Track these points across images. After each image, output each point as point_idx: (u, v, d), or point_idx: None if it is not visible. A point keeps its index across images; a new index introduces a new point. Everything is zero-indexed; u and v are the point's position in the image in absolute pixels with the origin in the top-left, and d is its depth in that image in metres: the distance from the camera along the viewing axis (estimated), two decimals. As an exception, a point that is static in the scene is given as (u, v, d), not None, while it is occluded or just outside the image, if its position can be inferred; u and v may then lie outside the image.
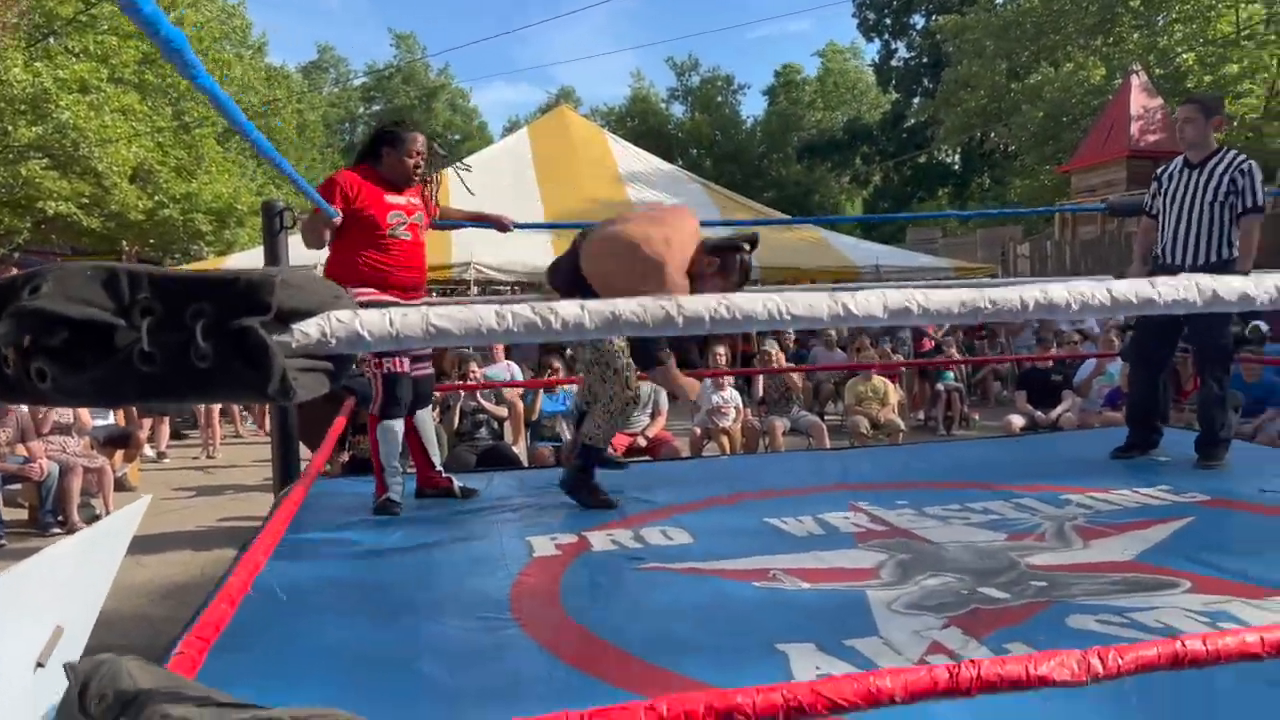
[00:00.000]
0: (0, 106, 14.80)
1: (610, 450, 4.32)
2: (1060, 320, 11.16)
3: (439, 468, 4.13)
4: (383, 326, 0.82)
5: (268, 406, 4.89)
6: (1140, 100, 17.37)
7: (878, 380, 7.94)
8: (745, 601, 2.59)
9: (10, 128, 14.93)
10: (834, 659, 2.14)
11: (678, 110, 40.50)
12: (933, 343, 11.05)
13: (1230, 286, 0.94)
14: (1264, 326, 9.27)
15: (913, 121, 33.15)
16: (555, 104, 29.07)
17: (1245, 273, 3.96)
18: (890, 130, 35.25)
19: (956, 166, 34.38)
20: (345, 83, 40.27)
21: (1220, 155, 4.17)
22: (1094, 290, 0.90)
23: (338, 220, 3.55)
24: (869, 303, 0.84)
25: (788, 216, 16.87)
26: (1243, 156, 4.15)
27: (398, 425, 3.85)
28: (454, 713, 1.95)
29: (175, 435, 9.93)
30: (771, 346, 8.12)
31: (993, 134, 23.16)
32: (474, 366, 6.73)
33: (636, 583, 2.77)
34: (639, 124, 37.91)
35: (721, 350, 7.72)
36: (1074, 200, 16.84)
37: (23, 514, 6.45)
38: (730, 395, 7.30)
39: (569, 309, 0.82)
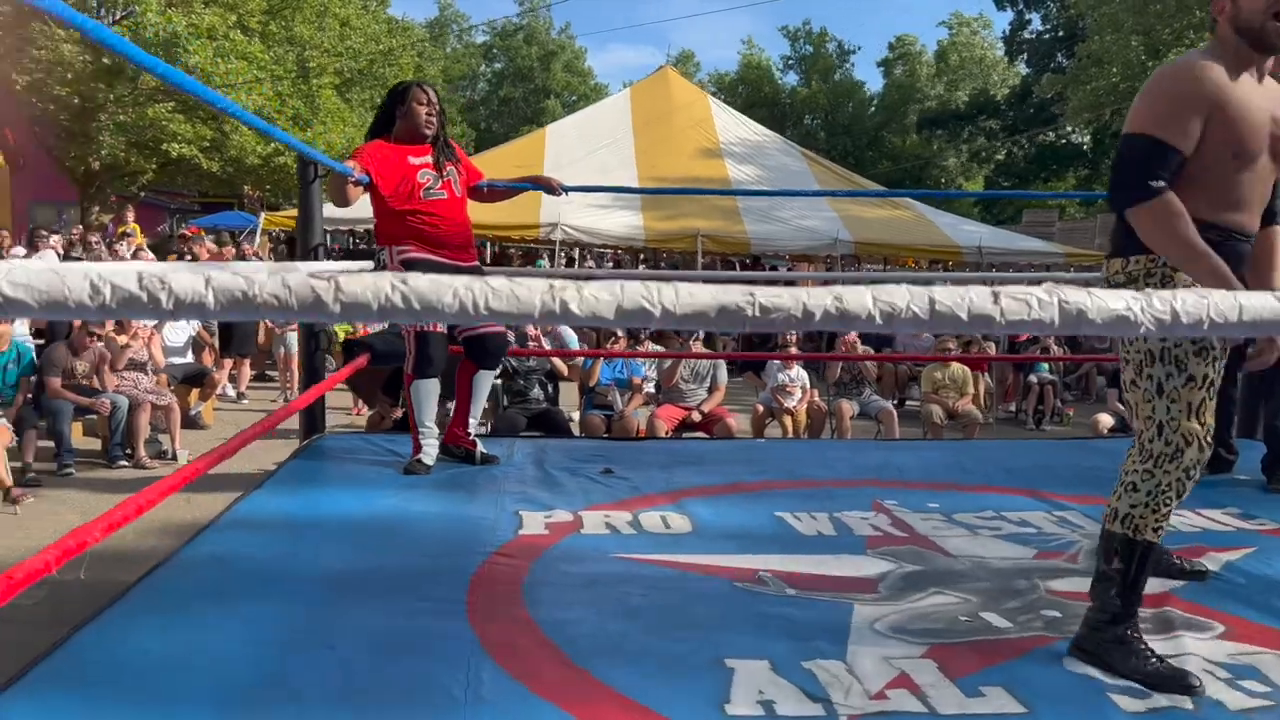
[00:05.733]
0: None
1: (469, 434, 3.95)
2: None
3: (471, 431, 4.04)
4: None
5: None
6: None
7: (957, 368, 7.50)
8: (716, 603, 2.41)
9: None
10: (783, 681, 1.95)
11: (792, 79, 39.55)
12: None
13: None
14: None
15: (1038, 99, 31.44)
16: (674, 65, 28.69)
17: None
18: (1017, 105, 33.55)
19: (1087, 148, 32.50)
20: (465, 37, 40.64)
21: None
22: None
23: (354, 176, 3.50)
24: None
25: (883, 189, 15.96)
26: None
27: (430, 385, 3.79)
28: (343, 702, 1.84)
29: (259, 377, 10.19)
30: (848, 326, 7.78)
31: (1124, 114, 21.79)
32: (531, 328, 6.65)
33: (610, 574, 2.61)
34: (752, 91, 37.15)
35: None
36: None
37: (98, 444, 6.71)
38: (797, 374, 7.02)
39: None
